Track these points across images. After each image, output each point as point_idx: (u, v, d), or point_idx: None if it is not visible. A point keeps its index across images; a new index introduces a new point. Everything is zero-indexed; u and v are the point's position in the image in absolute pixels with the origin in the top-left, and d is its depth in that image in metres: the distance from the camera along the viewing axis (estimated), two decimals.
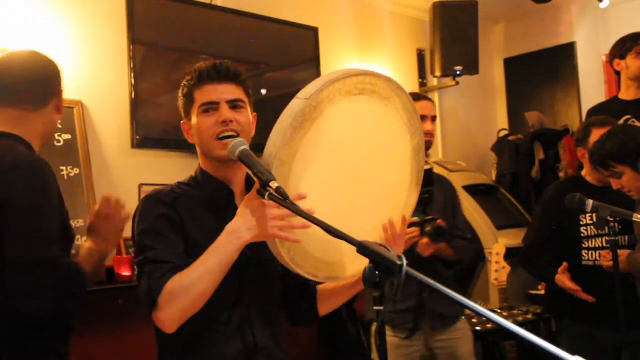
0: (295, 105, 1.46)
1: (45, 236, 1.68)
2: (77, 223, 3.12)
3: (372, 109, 1.59)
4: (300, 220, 1.41)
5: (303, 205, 1.41)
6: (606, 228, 2.40)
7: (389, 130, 1.65)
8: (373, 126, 1.62)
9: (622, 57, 3.44)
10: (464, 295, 4.58)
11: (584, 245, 2.88)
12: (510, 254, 3.59)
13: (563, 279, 2.80)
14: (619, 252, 2.55)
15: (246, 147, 1.57)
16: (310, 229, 1.43)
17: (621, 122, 3.31)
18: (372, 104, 1.58)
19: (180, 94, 1.77)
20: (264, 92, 4.11)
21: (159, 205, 1.67)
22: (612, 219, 2.40)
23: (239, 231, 1.51)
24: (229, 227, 1.53)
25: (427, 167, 2.10)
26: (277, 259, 1.57)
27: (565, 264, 2.81)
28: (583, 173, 3.00)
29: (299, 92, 1.49)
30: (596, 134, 2.84)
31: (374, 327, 3.03)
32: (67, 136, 3.23)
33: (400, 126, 1.67)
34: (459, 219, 2.94)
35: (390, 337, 2.82)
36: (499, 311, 3.51)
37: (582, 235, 2.88)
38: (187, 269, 1.54)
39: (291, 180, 1.48)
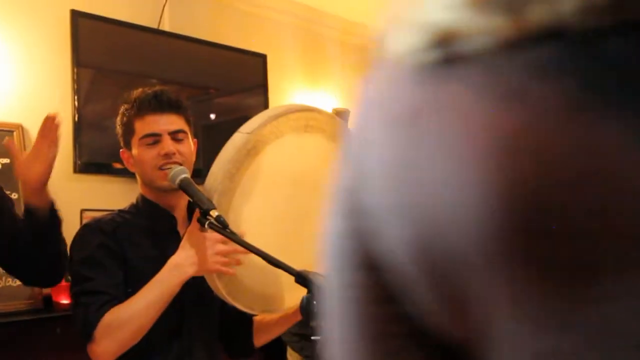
0: (237, 139, 1.48)
1: None
2: None
3: (314, 143, 1.61)
4: (235, 271, 1.40)
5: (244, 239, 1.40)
6: None
7: (330, 162, 1.67)
8: (314, 161, 1.64)
9: None
10: None
11: None
12: None
13: None
14: None
15: (186, 175, 1.56)
16: (249, 262, 1.43)
17: None
18: (314, 139, 1.60)
19: (118, 122, 1.74)
20: (212, 116, 4.10)
21: (98, 234, 1.63)
22: None
23: (182, 265, 1.49)
24: (172, 260, 1.51)
25: None
26: (215, 292, 1.55)
27: None
28: None
29: (242, 126, 1.50)
30: None
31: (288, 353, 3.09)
32: (5, 160, 3.14)
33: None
34: None
35: None
36: None
37: None
38: (126, 301, 1.52)
39: (231, 213, 1.47)
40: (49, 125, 1.67)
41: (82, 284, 1.56)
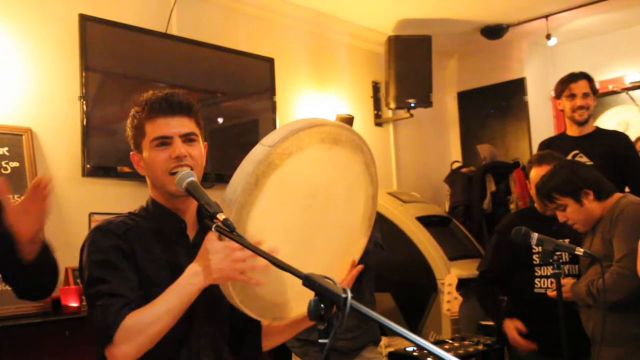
0: (258, 151, 1.47)
1: None
2: None
3: (331, 157, 1.61)
4: (262, 261, 1.40)
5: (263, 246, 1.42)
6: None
7: (346, 178, 1.68)
8: (331, 174, 1.64)
9: (559, 98, 3.61)
10: (415, 326, 4.61)
11: (536, 273, 2.95)
12: (463, 285, 3.64)
13: (511, 329, 2.93)
14: (564, 281, 2.63)
15: (194, 178, 1.57)
16: (262, 271, 1.44)
17: (569, 157, 3.42)
18: (334, 153, 1.60)
19: (129, 125, 1.73)
20: (220, 120, 4.11)
21: (111, 237, 1.63)
22: (558, 252, 2.47)
23: (201, 273, 1.49)
24: (191, 268, 1.51)
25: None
26: (227, 299, 1.56)
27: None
28: (536, 205, 3.09)
29: (263, 138, 1.50)
30: (534, 171, 3.01)
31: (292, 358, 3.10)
32: (15, 164, 3.16)
33: (358, 175, 1.70)
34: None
35: None
36: (450, 342, 3.53)
37: (534, 262, 2.95)
38: (146, 306, 1.52)
39: (249, 224, 1.48)
40: (39, 191, 1.64)
41: (99, 287, 1.56)
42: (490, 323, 4.21)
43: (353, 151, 1.65)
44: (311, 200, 1.60)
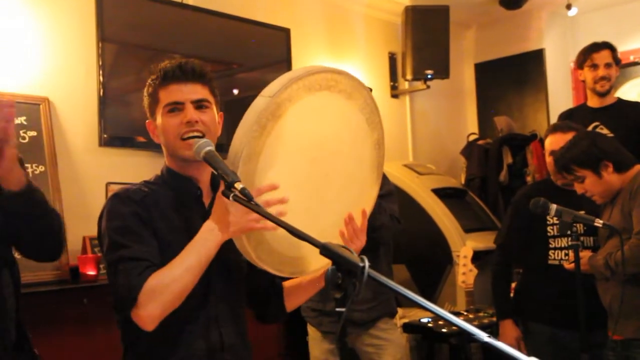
0: (259, 103, 1.47)
1: None
2: None
3: (334, 104, 1.60)
4: (271, 223, 1.41)
5: (272, 196, 1.43)
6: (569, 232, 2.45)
7: (350, 125, 1.67)
8: (335, 121, 1.64)
9: (580, 68, 3.55)
10: (430, 297, 4.63)
11: (550, 245, 2.93)
12: (478, 257, 3.63)
13: (510, 335, 2.96)
14: (582, 253, 2.60)
15: (211, 147, 1.57)
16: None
17: (589, 129, 3.38)
18: (334, 100, 1.60)
19: (145, 93, 1.75)
20: (235, 92, 4.10)
21: (129, 203, 1.65)
22: (574, 224, 2.45)
23: (216, 229, 1.51)
24: (207, 225, 1.53)
25: None
26: (244, 255, 1.57)
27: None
28: (552, 177, 3.05)
29: (263, 90, 1.50)
30: (549, 140, 2.95)
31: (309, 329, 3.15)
32: (33, 133, 3.18)
33: (362, 121, 1.69)
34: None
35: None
36: (465, 313, 3.54)
37: (549, 234, 2.93)
38: (166, 266, 1.54)
39: (257, 177, 1.48)
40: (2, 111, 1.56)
41: (120, 252, 1.58)
42: None
43: (353, 97, 1.64)
44: (317, 151, 1.60)
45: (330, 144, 1.63)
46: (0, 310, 1.70)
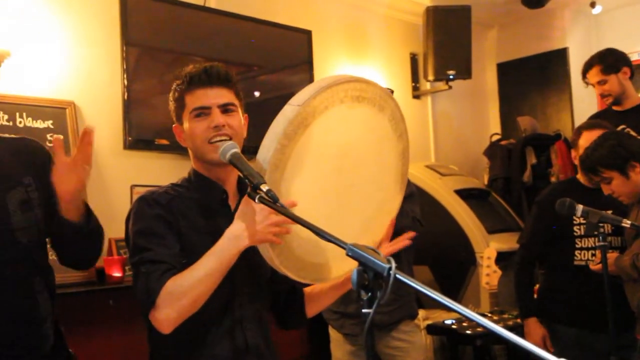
0: (288, 111, 1.47)
1: None
2: None
3: (361, 114, 1.60)
4: (295, 226, 1.41)
5: (294, 210, 1.42)
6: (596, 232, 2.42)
7: (376, 134, 1.67)
8: (362, 131, 1.63)
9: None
10: (454, 299, 4.62)
11: (576, 245, 2.90)
12: (502, 258, 3.61)
13: (536, 333, 2.90)
14: (608, 254, 2.57)
15: (237, 150, 1.58)
16: (300, 232, 1.44)
17: None
18: (362, 110, 1.59)
19: (171, 98, 1.77)
20: (257, 94, 4.11)
21: (154, 206, 1.67)
22: (601, 224, 2.42)
23: (240, 236, 1.51)
24: (229, 231, 1.54)
25: None
26: (267, 262, 1.57)
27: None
28: (578, 176, 3.02)
29: (292, 99, 1.50)
30: (585, 137, 2.90)
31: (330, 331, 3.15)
32: (59, 136, 3.22)
33: (388, 131, 1.68)
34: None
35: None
36: (489, 315, 3.52)
37: (575, 234, 2.90)
38: (186, 270, 1.55)
39: (283, 185, 1.49)
40: (86, 137, 1.65)
41: (141, 254, 1.60)
42: None
43: (380, 106, 1.64)
44: (343, 159, 1.60)
45: (356, 153, 1.63)
46: (35, 317, 1.72)
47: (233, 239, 1.52)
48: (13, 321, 1.68)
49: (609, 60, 3.47)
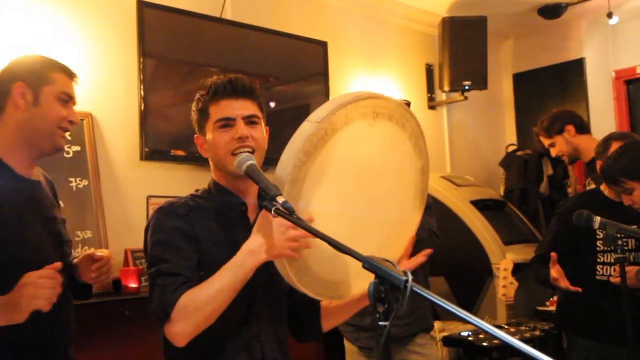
0: (306, 128, 1.47)
1: None
2: (85, 235, 3.13)
3: (381, 131, 1.59)
4: (313, 240, 1.41)
5: (312, 226, 1.41)
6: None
7: (396, 151, 1.66)
8: (382, 148, 1.62)
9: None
10: (470, 311, 4.57)
11: (599, 260, 2.85)
12: (518, 270, 3.58)
13: (557, 274, 2.74)
14: (629, 268, 2.53)
15: (253, 162, 1.58)
16: (318, 250, 1.44)
17: None
18: (382, 127, 1.58)
19: (194, 109, 1.77)
20: (272, 105, 4.12)
21: (173, 218, 1.67)
22: (620, 236, 2.38)
23: (256, 252, 1.51)
24: (246, 246, 1.53)
25: None
26: (285, 279, 1.56)
27: (554, 255, 2.73)
28: (602, 187, 2.95)
29: (310, 115, 1.49)
30: (615, 147, 2.83)
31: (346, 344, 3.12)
32: (77, 148, 3.25)
33: (408, 148, 1.67)
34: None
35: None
36: (506, 327, 3.48)
37: (598, 249, 2.84)
38: (202, 284, 1.55)
39: (301, 202, 1.48)
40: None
41: (158, 266, 1.61)
42: (548, 309, 4.15)
43: (400, 123, 1.63)
44: (362, 176, 1.60)
45: (376, 170, 1.62)
46: (68, 337, 1.90)
47: (250, 254, 1.51)
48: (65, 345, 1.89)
49: (546, 125, 3.52)
